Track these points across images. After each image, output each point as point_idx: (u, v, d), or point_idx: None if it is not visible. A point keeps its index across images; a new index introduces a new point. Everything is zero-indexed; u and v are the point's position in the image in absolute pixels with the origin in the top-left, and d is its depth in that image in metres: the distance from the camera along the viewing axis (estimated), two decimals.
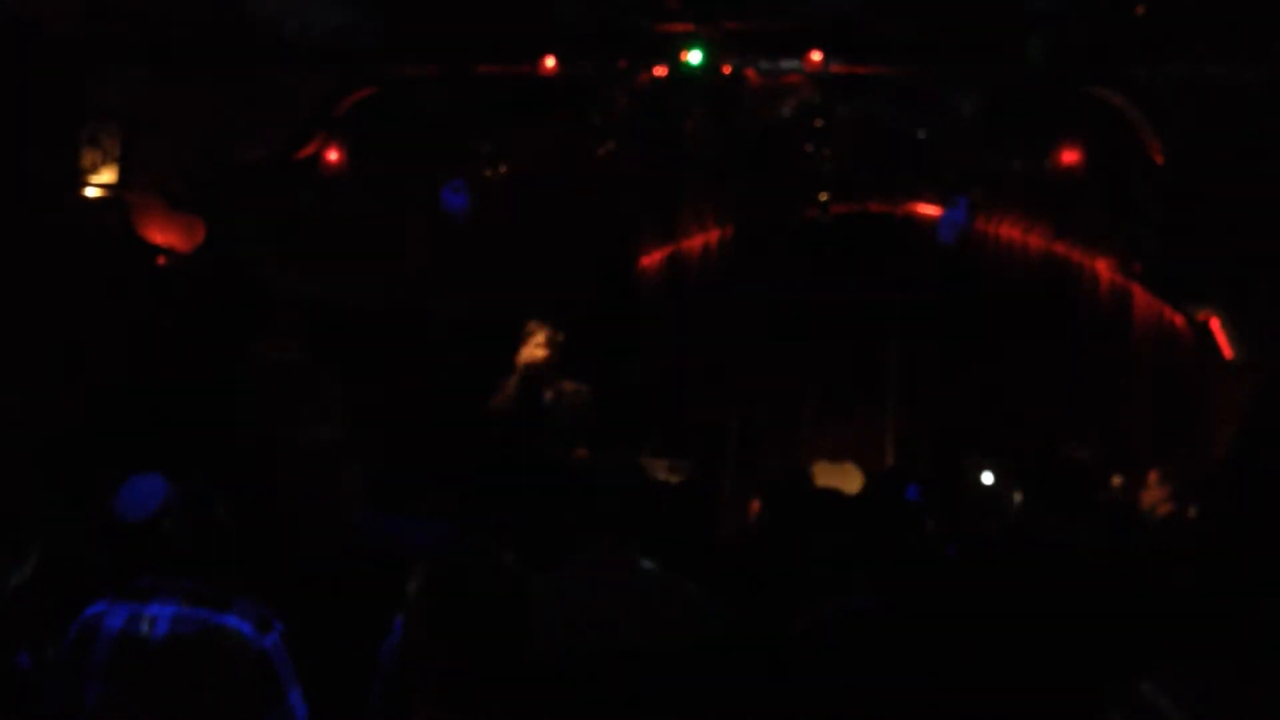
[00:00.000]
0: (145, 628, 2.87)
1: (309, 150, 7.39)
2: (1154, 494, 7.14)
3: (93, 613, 2.93)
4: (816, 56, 6.76)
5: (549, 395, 6.47)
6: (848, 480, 8.29)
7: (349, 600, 3.59)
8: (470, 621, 2.17)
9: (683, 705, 2.75)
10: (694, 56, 6.72)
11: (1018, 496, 6.38)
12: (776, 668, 2.92)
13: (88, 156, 7.22)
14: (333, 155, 7.42)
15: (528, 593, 2.27)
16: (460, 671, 2.16)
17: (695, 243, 10.16)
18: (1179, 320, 8.65)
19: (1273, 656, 2.03)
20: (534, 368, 6.41)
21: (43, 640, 2.93)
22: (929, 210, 8.99)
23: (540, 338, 6.43)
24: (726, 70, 6.85)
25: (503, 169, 7.52)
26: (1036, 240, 9.34)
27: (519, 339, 6.49)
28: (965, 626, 3.12)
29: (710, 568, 3.76)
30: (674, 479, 6.90)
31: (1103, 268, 9.18)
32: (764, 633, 3.15)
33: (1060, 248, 9.28)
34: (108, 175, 7.26)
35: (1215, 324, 8.05)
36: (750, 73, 6.93)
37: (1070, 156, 6.90)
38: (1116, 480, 7.38)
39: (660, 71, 6.93)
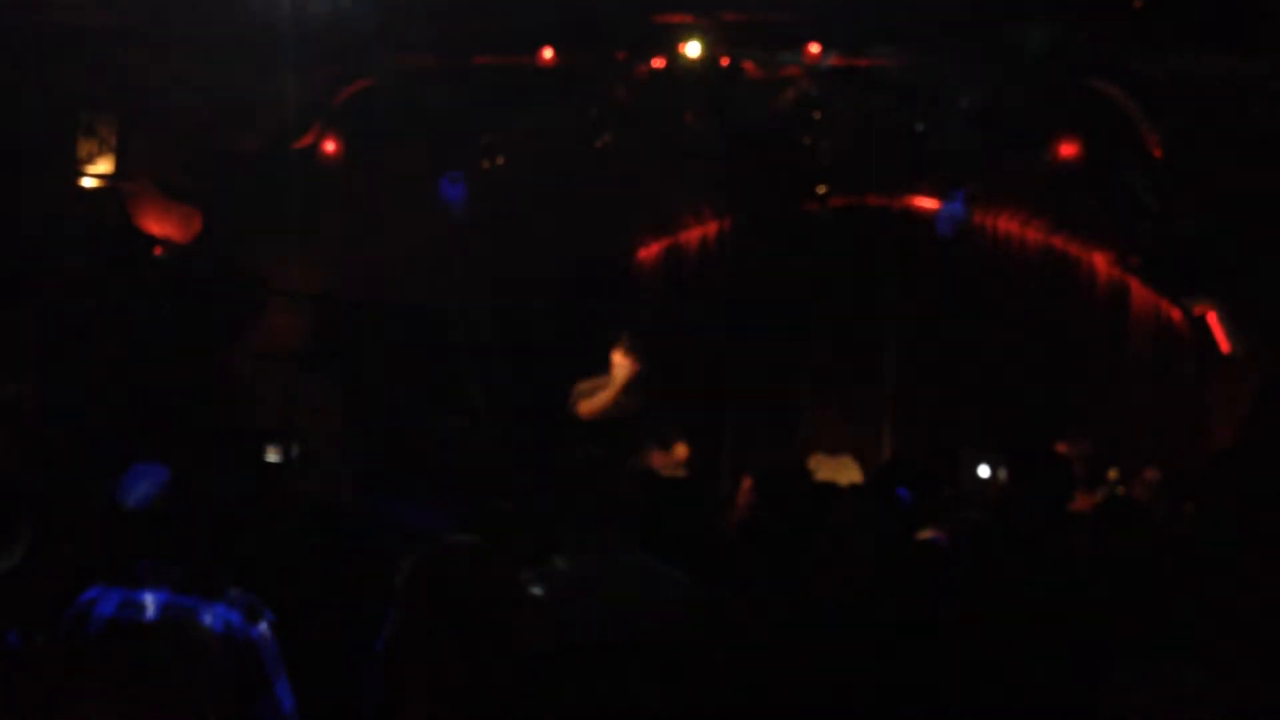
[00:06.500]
0: (136, 614, 2.91)
1: (306, 140, 7.39)
2: (1152, 489, 7.15)
3: (86, 598, 2.98)
4: (814, 49, 6.76)
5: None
6: (846, 473, 8.29)
7: (345, 589, 3.61)
8: (460, 613, 2.17)
9: (674, 698, 2.76)
10: (692, 49, 6.72)
11: (1000, 474, 6.38)
12: (769, 659, 2.93)
13: (84, 146, 7.22)
14: (330, 145, 7.41)
15: (519, 585, 2.28)
16: (452, 663, 2.16)
17: (693, 235, 10.15)
18: (1176, 314, 8.66)
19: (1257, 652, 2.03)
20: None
21: (34, 624, 2.97)
22: (927, 203, 8.99)
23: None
24: (724, 62, 6.85)
25: (500, 160, 7.52)
26: (1034, 233, 9.34)
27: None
28: (956, 619, 3.13)
29: (707, 560, 3.76)
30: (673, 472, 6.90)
31: (1100, 261, 9.18)
32: (758, 624, 3.16)
33: (1057, 241, 9.28)
34: (105, 165, 7.25)
35: (1212, 318, 8.06)
36: (748, 65, 6.92)
37: (1068, 150, 6.91)
38: (1113, 474, 7.39)
39: (658, 63, 6.92)
